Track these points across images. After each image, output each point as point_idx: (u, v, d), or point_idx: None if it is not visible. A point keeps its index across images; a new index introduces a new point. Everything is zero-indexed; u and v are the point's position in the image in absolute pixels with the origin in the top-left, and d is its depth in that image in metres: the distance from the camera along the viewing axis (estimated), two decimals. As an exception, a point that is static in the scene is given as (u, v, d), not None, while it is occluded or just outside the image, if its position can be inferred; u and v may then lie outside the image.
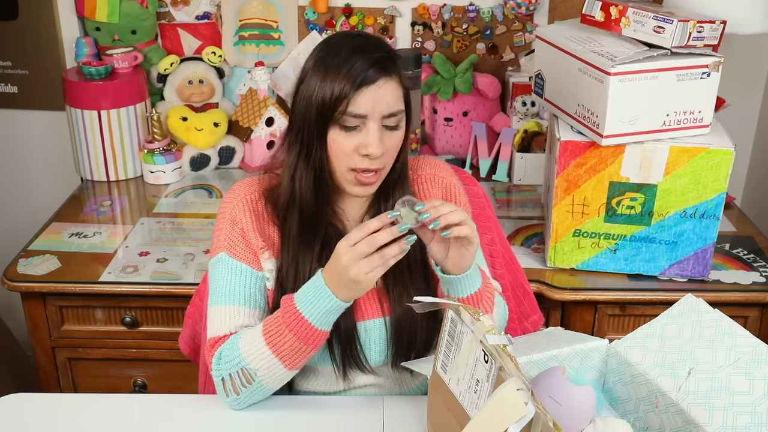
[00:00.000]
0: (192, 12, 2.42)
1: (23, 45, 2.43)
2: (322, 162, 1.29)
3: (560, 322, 1.87)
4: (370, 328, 1.35)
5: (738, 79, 2.32)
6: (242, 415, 1.31)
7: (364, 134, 1.26)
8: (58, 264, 1.90)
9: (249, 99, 2.40)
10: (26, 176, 2.62)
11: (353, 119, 1.25)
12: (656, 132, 1.70)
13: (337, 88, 1.24)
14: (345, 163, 1.28)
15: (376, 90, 1.24)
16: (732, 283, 1.83)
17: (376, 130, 1.25)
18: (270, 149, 2.40)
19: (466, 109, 2.39)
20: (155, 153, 2.30)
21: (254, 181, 1.40)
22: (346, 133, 1.26)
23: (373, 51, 1.26)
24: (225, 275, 1.34)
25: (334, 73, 1.24)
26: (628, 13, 1.67)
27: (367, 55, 1.25)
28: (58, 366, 1.97)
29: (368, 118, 1.25)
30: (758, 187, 2.48)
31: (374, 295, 1.36)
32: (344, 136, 1.26)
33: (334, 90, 1.24)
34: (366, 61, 1.24)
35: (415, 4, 2.39)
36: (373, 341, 1.35)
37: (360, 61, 1.24)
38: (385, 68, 1.25)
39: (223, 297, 1.33)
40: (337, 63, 1.24)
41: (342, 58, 1.25)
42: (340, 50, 1.26)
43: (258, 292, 1.34)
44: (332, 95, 1.24)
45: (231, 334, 1.31)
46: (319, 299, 1.21)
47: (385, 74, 1.25)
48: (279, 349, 1.24)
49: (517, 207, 2.18)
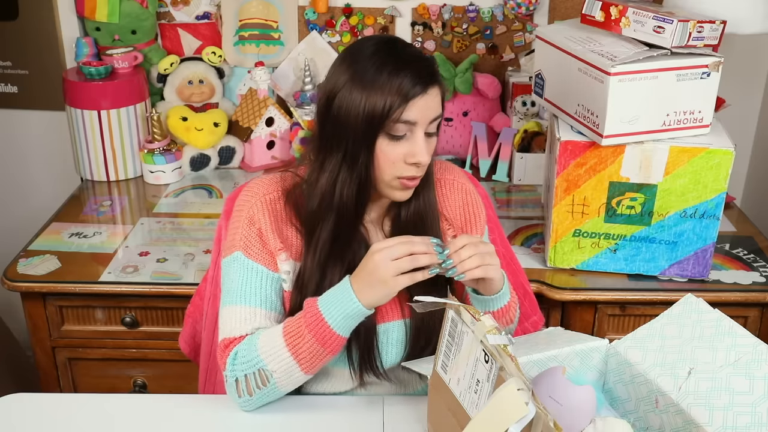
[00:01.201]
0: (192, 12, 2.42)
1: (23, 45, 2.43)
2: (368, 170, 1.29)
3: (560, 322, 1.87)
4: (390, 330, 1.35)
5: (738, 79, 2.32)
6: (241, 415, 1.31)
7: (412, 143, 1.27)
8: (58, 264, 1.90)
9: (249, 99, 2.40)
10: (26, 176, 2.62)
11: (403, 127, 1.26)
12: (656, 132, 1.70)
13: (389, 100, 1.23)
14: (391, 172, 1.28)
15: (426, 100, 1.25)
16: (732, 283, 1.83)
17: (422, 138, 1.27)
18: (270, 149, 2.40)
19: (466, 109, 2.39)
20: (155, 153, 2.30)
21: (274, 180, 1.38)
22: (395, 143, 1.27)
23: (417, 60, 1.27)
24: (240, 275, 1.33)
25: (383, 86, 1.23)
26: (628, 13, 1.67)
27: (414, 65, 1.25)
28: (58, 366, 1.97)
29: (417, 126, 1.26)
30: (758, 187, 2.48)
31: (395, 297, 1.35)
32: (392, 146, 1.27)
33: (386, 102, 1.23)
34: (416, 73, 1.24)
35: (415, 4, 2.39)
36: (391, 343, 1.35)
37: (410, 73, 1.24)
38: (433, 76, 1.27)
39: (238, 297, 1.32)
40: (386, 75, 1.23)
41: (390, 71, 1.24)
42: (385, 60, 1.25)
43: (274, 294, 1.34)
44: (384, 107, 1.23)
45: (246, 336, 1.31)
46: (342, 303, 1.22)
47: (433, 82, 1.27)
48: (297, 351, 1.24)
49: (517, 207, 2.18)
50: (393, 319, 1.36)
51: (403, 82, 1.23)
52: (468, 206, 1.45)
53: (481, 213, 1.46)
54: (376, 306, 1.24)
